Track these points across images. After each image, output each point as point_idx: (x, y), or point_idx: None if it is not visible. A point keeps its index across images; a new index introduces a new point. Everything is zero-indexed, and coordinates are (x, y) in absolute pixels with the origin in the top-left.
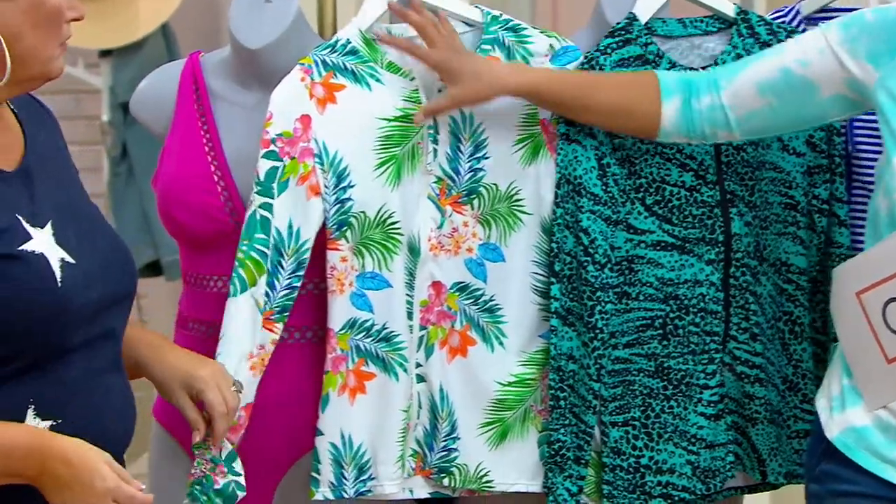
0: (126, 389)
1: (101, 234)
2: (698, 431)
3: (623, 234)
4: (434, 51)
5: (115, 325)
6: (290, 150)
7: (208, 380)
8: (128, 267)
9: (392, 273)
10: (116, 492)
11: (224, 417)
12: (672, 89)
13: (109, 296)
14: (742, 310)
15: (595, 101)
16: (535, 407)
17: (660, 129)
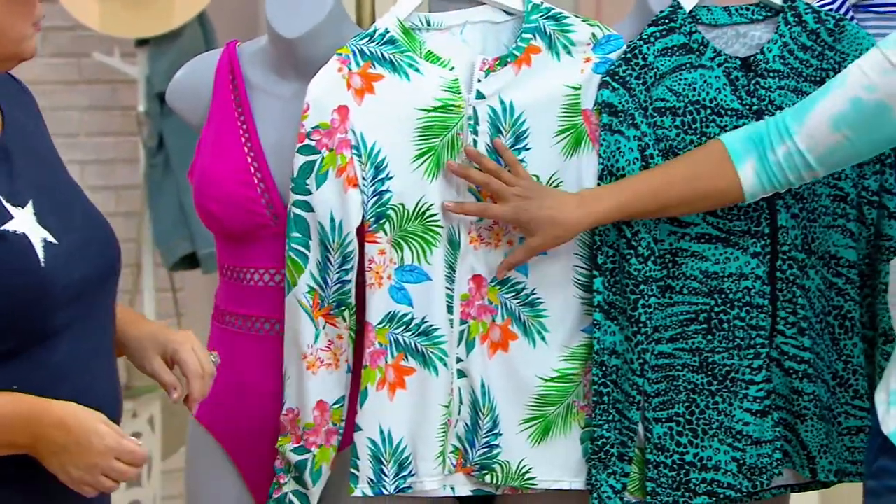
0: (113, 374)
1: (82, 212)
2: (744, 428)
3: (667, 226)
4: (504, 206)
5: (100, 307)
6: (327, 141)
7: (182, 341)
8: (110, 245)
9: (431, 266)
10: (117, 449)
11: (199, 378)
12: (742, 151)
13: (93, 275)
14: (789, 304)
15: (670, 199)
16: (578, 403)
17: (744, 194)
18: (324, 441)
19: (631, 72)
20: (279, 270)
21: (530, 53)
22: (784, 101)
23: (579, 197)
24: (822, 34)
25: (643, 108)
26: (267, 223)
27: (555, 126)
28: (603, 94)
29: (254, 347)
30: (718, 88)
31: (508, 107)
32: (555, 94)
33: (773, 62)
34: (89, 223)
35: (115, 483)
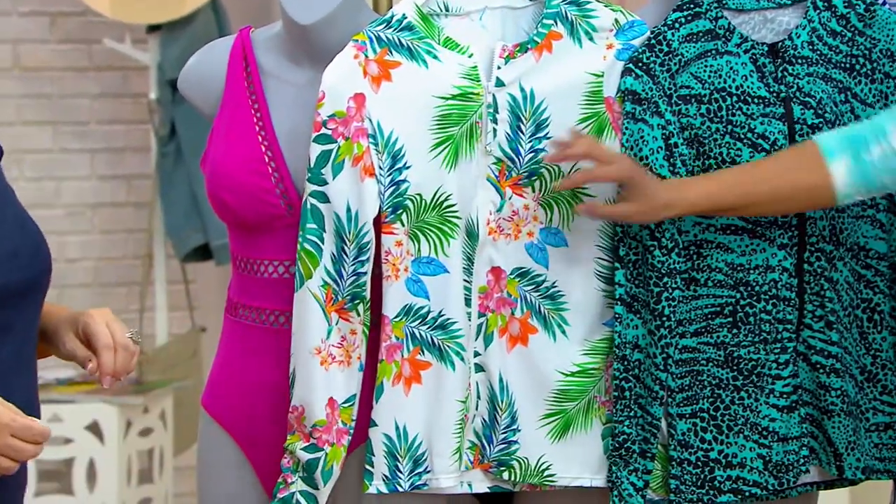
0: (31, 391)
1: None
2: (770, 424)
3: (691, 217)
4: (612, 167)
5: (23, 317)
6: (343, 130)
7: (94, 315)
8: (38, 255)
9: (449, 258)
10: (12, 426)
11: (108, 350)
12: (836, 150)
13: (16, 285)
14: (817, 297)
15: (760, 195)
16: (599, 398)
17: (836, 194)
18: (335, 440)
19: (655, 58)
20: (293, 262)
21: (551, 39)
22: (812, 88)
23: (674, 185)
24: (853, 19)
25: (667, 95)
26: (281, 214)
27: (576, 114)
28: (626, 81)
29: (267, 341)
30: (745, 75)
31: (529, 94)
32: (576, 82)
33: (801, 48)
34: (17, 232)
35: (14, 462)
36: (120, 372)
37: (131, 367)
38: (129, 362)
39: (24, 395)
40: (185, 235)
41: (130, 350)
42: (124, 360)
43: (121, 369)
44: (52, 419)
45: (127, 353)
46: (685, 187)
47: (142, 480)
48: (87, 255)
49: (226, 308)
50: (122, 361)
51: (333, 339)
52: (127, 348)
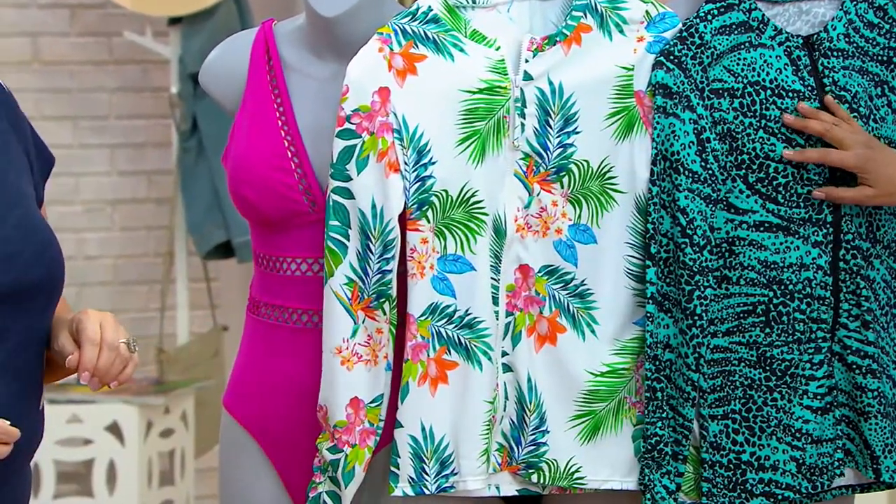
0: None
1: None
2: (804, 426)
3: (723, 214)
4: (850, 154)
5: (12, 324)
6: (367, 125)
7: (91, 313)
8: (41, 260)
9: (476, 255)
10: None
11: (91, 345)
12: None
13: (4, 289)
14: (853, 296)
15: None
16: (630, 399)
17: None
18: (357, 441)
19: (686, 51)
20: (317, 259)
21: (580, 32)
22: (848, 81)
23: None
24: (891, 10)
25: (699, 89)
26: (304, 210)
27: (606, 109)
28: (657, 74)
29: (290, 340)
30: (779, 69)
31: (557, 88)
32: (606, 75)
33: (837, 41)
34: (17, 234)
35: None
36: (103, 372)
37: (124, 375)
38: (117, 365)
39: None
40: (207, 232)
41: (121, 354)
42: (108, 359)
43: (104, 369)
44: (72, 420)
45: (113, 354)
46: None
47: (163, 482)
48: (106, 253)
49: (248, 306)
50: (105, 360)
51: (360, 338)
52: (115, 349)
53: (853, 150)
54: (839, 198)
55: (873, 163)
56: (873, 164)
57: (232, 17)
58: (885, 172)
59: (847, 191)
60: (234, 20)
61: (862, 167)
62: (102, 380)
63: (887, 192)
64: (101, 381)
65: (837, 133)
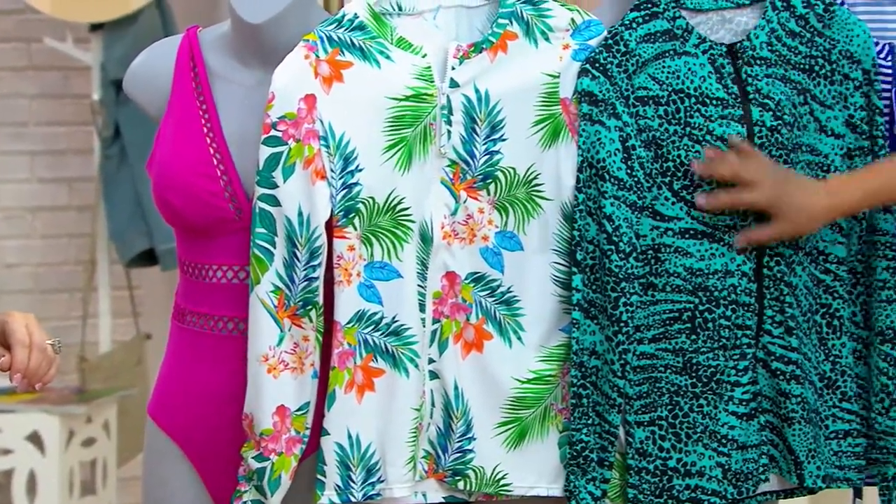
0: None
1: None
2: (729, 432)
3: (649, 221)
4: (760, 194)
5: None
6: (294, 132)
7: (16, 315)
8: None
9: (402, 262)
10: None
11: (22, 347)
12: None
13: None
14: (777, 302)
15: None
16: (556, 405)
17: None
18: (284, 449)
19: (612, 59)
20: (243, 267)
21: (506, 39)
22: (771, 89)
23: (825, 184)
24: (812, 20)
25: (624, 97)
26: (230, 218)
27: (532, 116)
28: (582, 82)
29: (216, 348)
30: (703, 76)
31: (484, 95)
32: (532, 83)
33: (759, 49)
34: None
35: None
36: (33, 374)
37: (49, 376)
38: (45, 367)
39: None
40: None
41: (48, 355)
42: (38, 361)
43: (34, 371)
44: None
45: (43, 356)
46: (843, 191)
47: (84, 492)
48: (26, 261)
49: (173, 314)
50: (35, 362)
51: (286, 346)
52: (44, 351)
53: (763, 189)
54: (758, 240)
55: (786, 197)
56: (786, 198)
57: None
58: (795, 203)
59: (765, 230)
60: (157, 27)
61: (774, 205)
62: (31, 381)
63: (802, 221)
64: (29, 382)
65: (746, 175)
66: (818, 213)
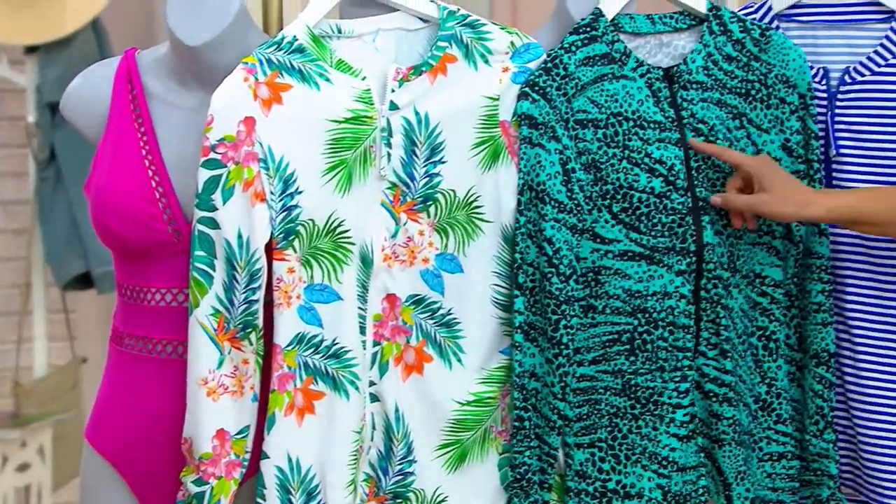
0: None
1: None
2: (670, 453)
3: (589, 243)
4: (748, 157)
5: None
6: (233, 154)
7: None
8: None
9: (342, 285)
10: None
11: None
12: None
13: None
14: (712, 324)
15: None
16: (496, 428)
17: None
18: (223, 473)
19: (551, 82)
20: (182, 290)
21: (446, 62)
22: (706, 114)
23: (818, 191)
24: (748, 44)
25: (564, 120)
26: (169, 240)
27: (472, 138)
28: (522, 105)
29: (155, 371)
30: (640, 100)
31: (423, 118)
32: (471, 105)
33: (696, 73)
34: None
35: None
36: None
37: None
38: None
39: None
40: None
41: None
42: None
43: None
44: None
45: None
46: (825, 196)
47: None
48: None
49: (111, 337)
50: None
51: (225, 369)
52: None
53: (751, 159)
54: (734, 203)
55: (776, 171)
56: (769, 168)
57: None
58: (780, 179)
59: (742, 196)
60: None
61: (758, 168)
62: None
63: (781, 199)
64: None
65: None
66: (811, 200)
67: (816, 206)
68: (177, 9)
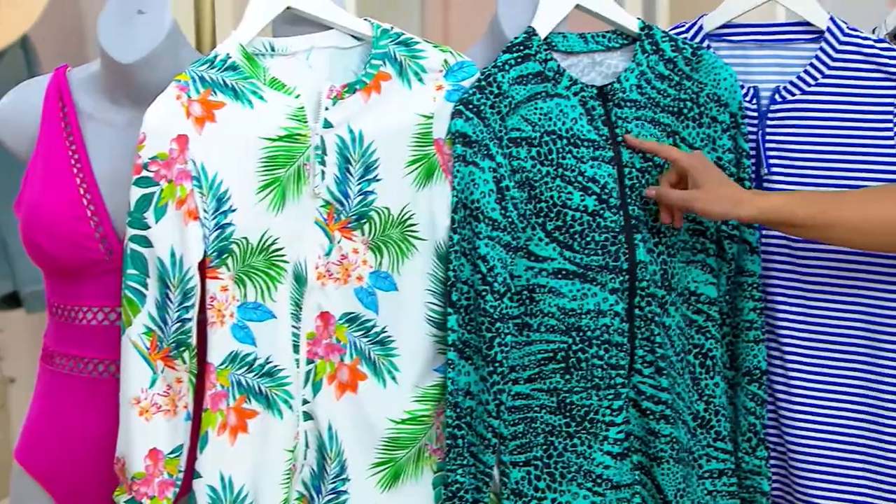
0: None
1: None
2: (604, 471)
3: (523, 261)
4: (682, 153)
5: None
6: (165, 172)
7: None
8: None
9: (276, 303)
10: None
11: None
12: None
13: None
14: (647, 342)
15: (842, 215)
16: (430, 446)
17: None
18: (156, 492)
19: (485, 100)
20: (114, 308)
21: (380, 80)
22: (640, 131)
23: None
24: (680, 63)
25: (498, 138)
26: (100, 259)
27: (406, 156)
28: (456, 123)
29: (87, 391)
30: (574, 118)
31: (357, 136)
32: (406, 123)
33: (629, 91)
34: None
35: None
36: None
37: None
38: None
39: None
40: None
41: None
42: None
43: None
44: None
45: None
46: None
47: None
48: None
49: (41, 357)
50: None
51: (158, 388)
52: None
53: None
54: (667, 198)
55: (704, 164)
56: (703, 165)
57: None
58: (714, 176)
59: (676, 191)
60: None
61: (693, 165)
62: None
63: (714, 197)
64: None
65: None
66: (743, 199)
67: (748, 205)
68: (109, 26)
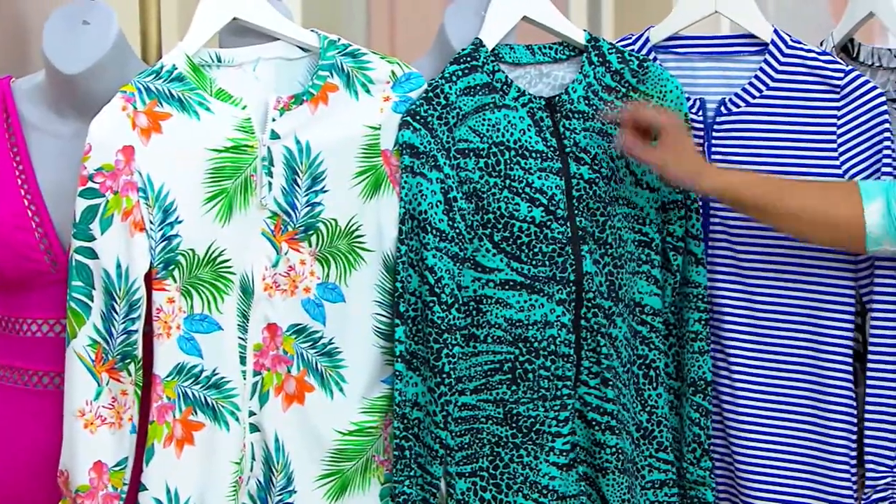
0: None
1: None
2: (550, 482)
3: (471, 272)
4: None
5: None
6: (111, 183)
7: None
8: None
9: (223, 315)
10: None
11: None
12: (873, 192)
13: None
14: (593, 353)
15: (792, 204)
16: (378, 457)
17: (866, 235)
18: None
19: (432, 111)
20: (59, 320)
21: (327, 91)
22: (588, 143)
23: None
24: (626, 75)
25: (445, 149)
26: (45, 270)
27: (353, 167)
28: (403, 134)
29: (31, 403)
30: (522, 129)
31: (305, 147)
32: (353, 134)
33: (577, 103)
34: None
35: None
36: None
37: None
38: None
39: None
40: None
41: None
42: None
43: None
44: None
45: None
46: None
47: None
48: None
49: None
50: None
51: (103, 400)
52: None
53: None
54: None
55: (681, 129)
56: (680, 130)
57: None
58: (685, 142)
59: (647, 149)
60: None
61: (667, 128)
62: None
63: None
64: None
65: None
66: (705, 172)
67: (708, 178)
68: (53, 36)
